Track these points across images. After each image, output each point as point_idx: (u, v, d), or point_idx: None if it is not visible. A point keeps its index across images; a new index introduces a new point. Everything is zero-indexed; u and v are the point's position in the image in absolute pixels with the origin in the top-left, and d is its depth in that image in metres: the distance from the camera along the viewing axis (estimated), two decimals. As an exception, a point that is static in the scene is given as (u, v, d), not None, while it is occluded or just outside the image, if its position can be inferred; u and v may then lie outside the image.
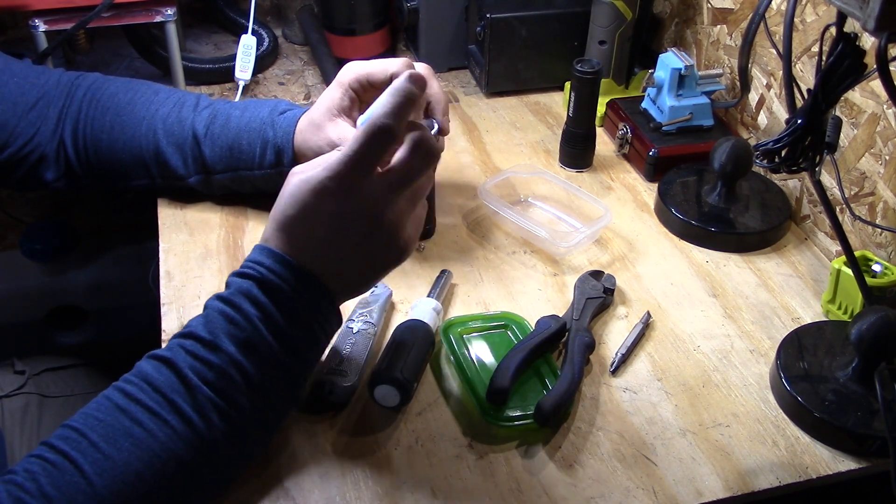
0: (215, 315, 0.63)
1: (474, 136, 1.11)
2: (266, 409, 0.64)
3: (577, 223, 0.95)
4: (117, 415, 0.59)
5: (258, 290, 0.63)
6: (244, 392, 0.61)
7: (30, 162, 0.89)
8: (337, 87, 0.86)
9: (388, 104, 0.63)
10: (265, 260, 0.64)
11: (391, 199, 0.64)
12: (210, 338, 0.61)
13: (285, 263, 0.64)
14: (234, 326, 0.62)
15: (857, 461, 0.70)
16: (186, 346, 0.62)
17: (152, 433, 0.58)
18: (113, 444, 0.57)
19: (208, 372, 0.60)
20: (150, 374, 0.61)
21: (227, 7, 1.32)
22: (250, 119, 0.88)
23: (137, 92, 0.91)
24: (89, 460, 0.57)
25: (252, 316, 0.62)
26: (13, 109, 0.87)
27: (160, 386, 0.60)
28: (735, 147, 0.90)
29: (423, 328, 0.75)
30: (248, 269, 0.64)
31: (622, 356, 0.79)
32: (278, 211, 0.65)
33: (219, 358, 0.61)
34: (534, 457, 0.70)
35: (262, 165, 0.88)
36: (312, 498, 0.66)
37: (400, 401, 0.70)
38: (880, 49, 0.57)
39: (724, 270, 0.90)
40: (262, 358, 0.62)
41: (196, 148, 0.89)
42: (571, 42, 1.16)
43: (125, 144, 0.89)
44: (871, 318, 0.69)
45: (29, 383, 1.01)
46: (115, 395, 0.60)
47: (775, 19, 0.97)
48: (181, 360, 0.61)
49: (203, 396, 0.60)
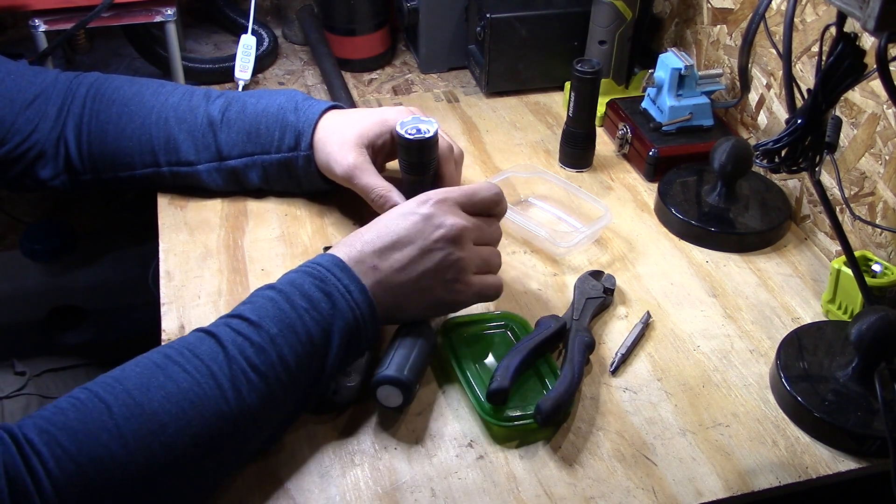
0: (264, 301, 0.67)
1: (474, 136, 1.11)
2: (294, 395, 0.66)
3: (577, 223, 0.95)
4: (155, 371, 0.61)
5: (311, 282, 0.68)
6: (278, 375, 0.64)
7: (27, 159, 0.89)
8: (381, 122, 0.88)
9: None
10: (323, 261, 0.70)
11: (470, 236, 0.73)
12: (256, 319, 0.65)
13: (342, 266, 0.70)
14: (280, 312, 0.66)
15: (857, 461, 0.70)
16: (232, 324, 0.65)
17: (185, 392, 0.60)
18: (145, 394, 0.59)
19: (249, 347, 0.64)
20: (192, 342, 0.64)
21: (227, 7, 1.32)
22: (267, 105, 0.90)
23: (143, 85, 0.93)
24: (120, 403, 0.58)
25: (298, 306, 0.67)
26: (10, 107, 0.87)
27: (200, 352, 0.63)
28: (735, 147, 0.90)
29: (425, 328, 0.75)
30: (304, 267, 0.70)
31: (622, 356, 0.79)
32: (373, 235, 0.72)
33: (260, 336, 0.64)
34: (534, 457, 0.70)
35: (279, 149, 0.89)
36: (312, 498, 0.66)
37: (402, 401, 0.70)
38: (880, 49, 0.57)
39: (724, 270, 0.90)
40: (301, 345, 0.66)
41: (210, 133, 0.90)
42: (571, 42, 1.16)
43: (133, 132, 0.90)
44: (871, 318, 0.69)
45: (29, 384, 1.01)
46: (154, 355, 0.63)
47: (775, 19, 0.97)
48: (224, 334, 0.64)
49: (239, 368, 0.62)
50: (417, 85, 1.24)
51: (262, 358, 0.63)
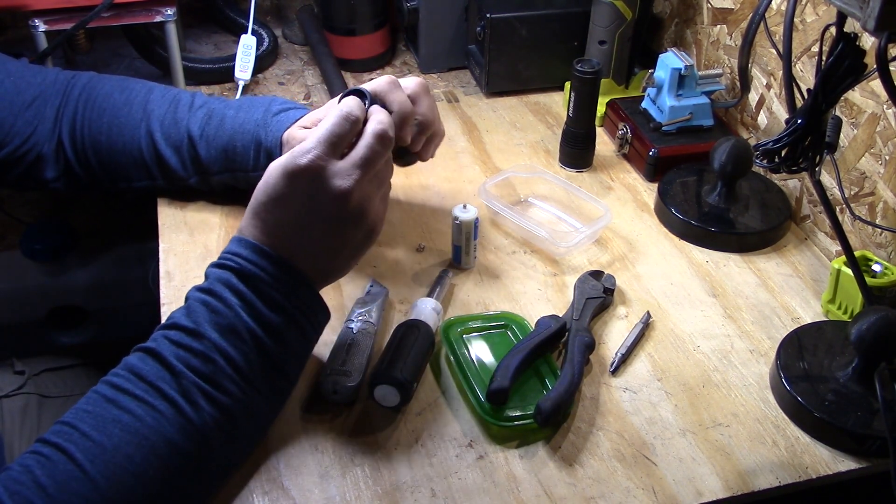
0: (197, 305, 0.65)
1: (474, 136, 1.11)
2: (253, 395, 0.65)
3: (577, 223, 0.95)
4: (106, 405, 0.60)
5: (237, 279, 0.65)
6: (229, 377, 0.63)
7: (27, 161, 0.88)
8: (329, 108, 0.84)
9: (352, 100, 0.71)
10: (242, 250, 0.67)
11: (356, 179, 0.68)
12: (193, 326, 0.63)
13: (261, 252, 0.66)
14: (215, 314, 0.64)
15: (857, 461, 0.70)
16: (170, 335, 0.63)
17: (140, 418, 0.59)
18: (103, 432, 0.58)
19: (193, 358, 0.62)
20: (136, 364, 0.62)
21: (227, 7, 1.32)
22: (244, 120, 0.88)
23: (133, 91, 0.91)
24: (80, 448, 0.58)
25: (233, 304, 0.64)
26: (10, 108, 0.87)
27: (146, 375, 0.61)
28: (735, 147, 0.90)
29: (424, 328, 0.75)
30: (225, 259, 0.67)
31: (622, 356, 0.79)
32: (253, 199, 0.69)
33: (202, 344, 0.63)
34: (534, 457, 0.70)
35: (256, 167, 0.88)
36: (312, 498, 0.66)
37: (400, 401, 0.70)
38: (880, 49, 0.57)
39: (724, 270, 0.90)
40: (244, 343, 0.64)
41: (192, 149, 0.88)
42: (571, 42, 1.16)
43: (124, 147, 0.89)
44: (871, 318, 0.69)
45: (28, 383, 1.01)
46: (102, 388, 0.62)
47: (775, 19, 0.97)
48: (165, 349, 0.62)
49: (189, 381, 0.61)
50: (417, 85, 1.24)
51: (209, 367, 0.62)
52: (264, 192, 0.68)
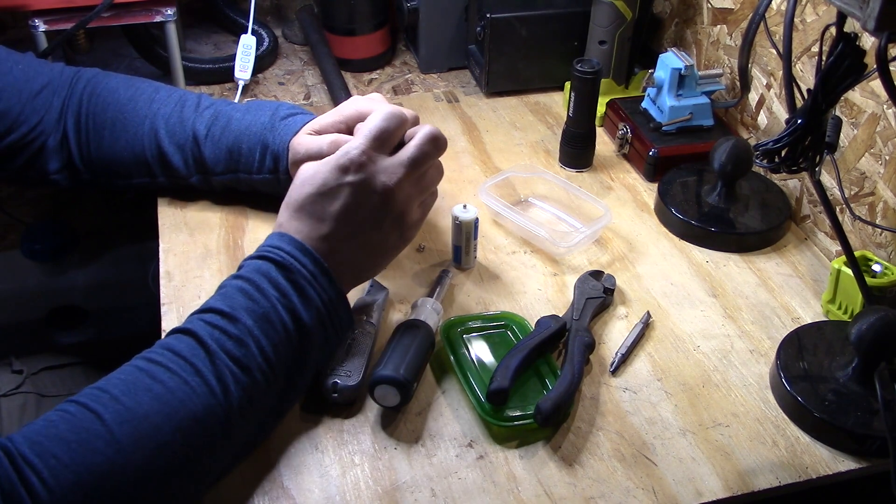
0: (234, 292, 0.66)
1: (474, 136, 1.11)
2: (277, 387, 0.66)
3: (577, 223, 0.95)
4: (139, 374, 0.61)
5: (277, 270, 0.67)
6: (258, 365, 0.64)
7: (32, 149, 0.88)
8: (336, 114, 0.85)
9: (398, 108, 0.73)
10: (284, 245, 0.68)
11: (402, 178, 0.70)
12: (229, 310, 0.64)
13: (302, 249, 0.68)
14: (252, 302, 0.65)
15: (857, 461, 0.70)
16: (206, 318, 0.65)
17: (172, 391, 0.60)
18: (133, 398, 0.59)
19: (227, 340, 0.63)
20: (171, 342, 0.63)
21: (227, 7, 1.32)
22: (251, 122, 0.88)
23: (139, 89, 0.91)
24: (109, 410, 0.58)
25: (270, 294, 0.66)
26: (18, 96, 0.87)
27: (180, 350, 0.62)
28: (735, 147, 0.90)
29: (424, 328, 0.75)
30: (266, 252, 0.68)
31: (622, 356, 0.79)
32: (293, 196, 0.70)
33: (237, 328, 0.64)
34: (534, 457, 0.70)
35: (260, 170, 0.88)
36: (312, 498, 0.66)
37: (400, 401, 0.70)
38: (880, 49, 0.57)
39: (724, 270, 0.90)
40: (277, 334, 0.65)
41: (196, 149, 0.89)
42: (571, 42, 1.16)
43: (127, 143, 0.89)
44: (871, 318, 0.69)
45: (27, 382, 1.01)
46: (137, 361, 0.63)
47: (775, 19, 0.97)
48: (201, 329, 0.63)
49: (221, 362, 0.62)
50: (417, 85, 1.24)
51: (242, 350, 0.63)
52: (311, 184, 0.69)
